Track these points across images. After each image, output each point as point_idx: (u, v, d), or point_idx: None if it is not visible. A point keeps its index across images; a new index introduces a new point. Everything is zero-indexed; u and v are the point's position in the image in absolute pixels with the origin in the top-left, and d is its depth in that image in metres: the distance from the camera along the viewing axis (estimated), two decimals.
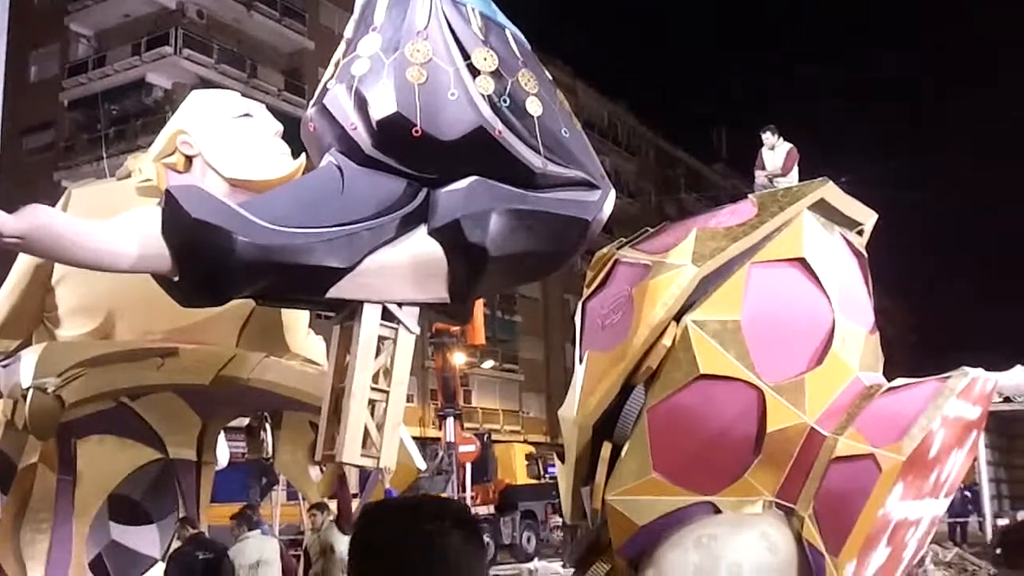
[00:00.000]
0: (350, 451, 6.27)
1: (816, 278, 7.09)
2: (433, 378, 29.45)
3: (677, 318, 6.80)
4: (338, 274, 6.10)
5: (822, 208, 7.57)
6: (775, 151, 10.21)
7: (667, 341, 6.72)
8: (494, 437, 33.41)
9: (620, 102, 56.26)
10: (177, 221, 5.77)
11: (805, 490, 6.58)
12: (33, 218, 5.60)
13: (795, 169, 10.76)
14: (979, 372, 6.99)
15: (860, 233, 8.06)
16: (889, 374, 7.44)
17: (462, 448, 23.44)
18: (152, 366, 8.05)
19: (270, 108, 9.13)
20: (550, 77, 6.96)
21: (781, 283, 7.10)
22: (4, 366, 8.05)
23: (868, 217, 8.04)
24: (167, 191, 6.01)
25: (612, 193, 6.84)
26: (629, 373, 6.81)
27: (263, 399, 8.76)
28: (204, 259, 5.83)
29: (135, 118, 32.05)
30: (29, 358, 7.71)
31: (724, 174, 60.13)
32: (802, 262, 7.13)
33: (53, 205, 7.79)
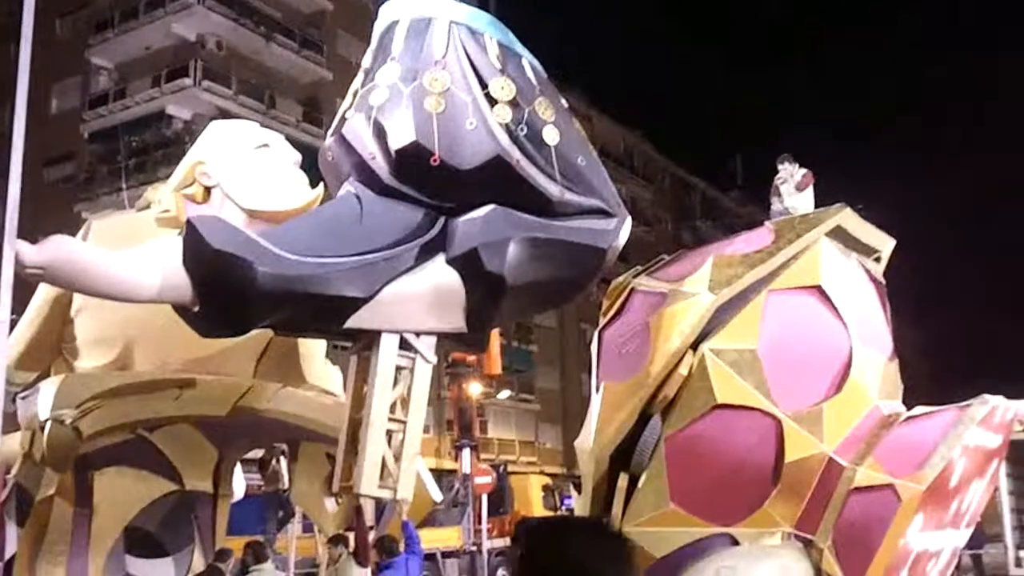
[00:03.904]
0: (368, 482, 6.25)
1: (833, 306, 7.06)
2: (449, 409, 29.38)
3: (694, 346, 6.78)
4: (356, 303, 6.11)
5: (839, 235, 7.55)
6: (790, 179, 10.18)
7: (684, 370, 6.70)
8: (510, 468, 33.23)
9: (636, 131, 56.41)
10: (198, 251, 5.81)
11: (824, 521, 6.52)
12: (55, 249, 5.64)
13: (811, 194, 10.70)
14: (999, 400, 6.94)
15: (878, 260, 8.03)
16: (908, 402, 7.39)
17: (478, 480, 23.32)
18: (169, 397, 8.05)
19: (288, 138, 9.18)
20: (567, 105, 6.98)
21: (798, 311, 7.07)
22: (23, 398, 8.06)
23: (885, 244, 8.02)
24: (188, 221, 6.05)
25: (628, 221, 6.83)
26: (646, 403, 6.78)
27: (280, 430, 8.75)
28: (225, 289, 5.85)
29: (155, 149, 32.31)
30: (47, 390, 7.72)
31: (740, 201, 60.02)
32: (819, 290, 7.10)
33: (74, 236, 7.85)
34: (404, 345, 6.41)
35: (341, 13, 38.26)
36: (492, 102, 6.43)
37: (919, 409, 7.07)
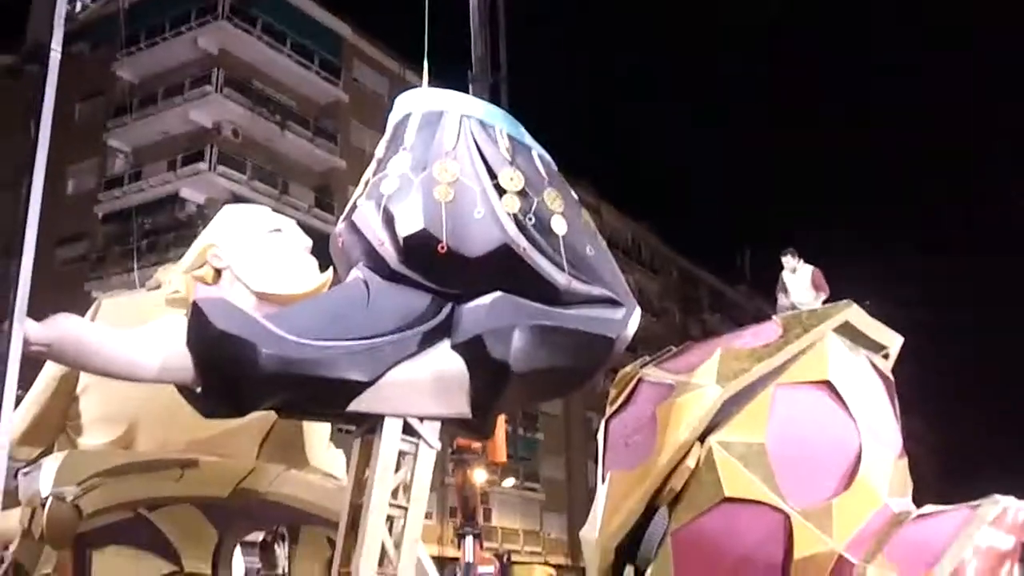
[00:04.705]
0: (366, 568, 6.16)
1: (842, 401, 7.04)
2: (453, 495, 29.02)
3: (701, 439, 6.74)
4: (360, 387, 6.11)
5: (847, 331, 7.56)
6: (796, 274, 10.23)
7: (691, 462, 6.65)
8: (514, 558, 32.73)
9: (644, 222, 56.90)
10: (202, 332, 5.85)
11: None
12: (60, 327, 5.70)
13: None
14: (1011, 500, 6.85)
15: (886, 356, 8.01)
16: (918, 500, 7.30)
17: (481, 569, 22.84)
18: (171, 477, 8.01)
19: (300, 224, 9.27)
20: (576, 197, 7.07)
21: (807, 405, 7.04)
22: (25, 474, 8.03)
23: (893, 340, 8.00)
24: (194, 303, 6.11)
25: (637, 311, 6.84)
26: (653, 494, 6.72)
27: (281, 513, 8.65)
28: (227, 370, 5.88)
29: (167, 232, 32.64)
30: (50, 466, 7.70)
31: (747, 295, 60.21)
32: (828, 385, 7.08)
33: (83, 315, 7.89)
34: (408, 430, 6.38)
35: (355, 104, 39.04)
36: (501, 192, 6.52)
37: (929, 508, 6.97)
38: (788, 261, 10.26)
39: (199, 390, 6.02)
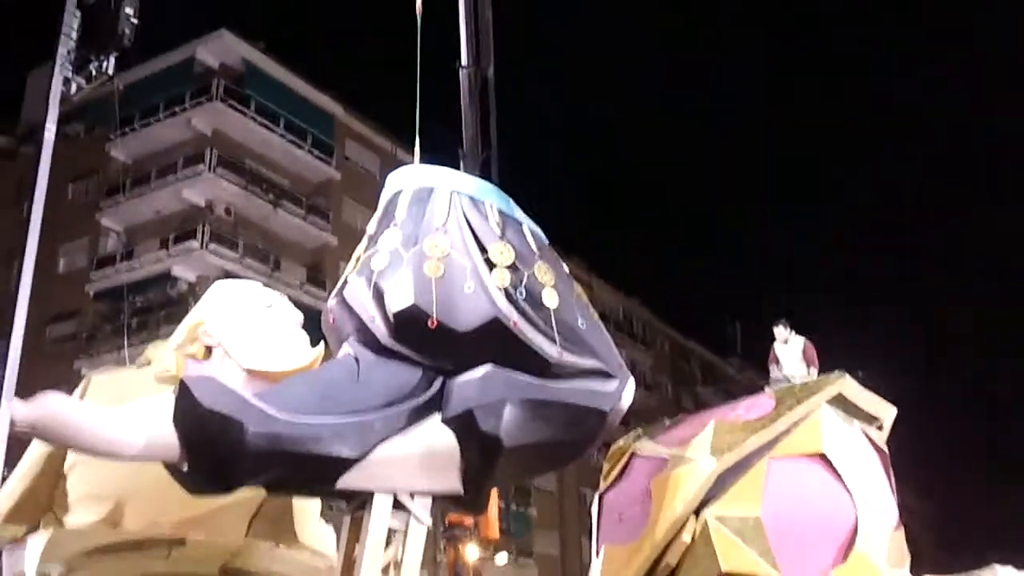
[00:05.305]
0: None
1: (837, 474, 7.01)
2: (445, 573, 28.53)
3: (696, 513, 6.68)
4: (348, 463, 6.06)
5: (840, 402, 7.55)
6: (788, 344, 10.23)
7: (687, 537, 6.59)
8: None
9: (634, 296, 57.02)
10: (189, 410, 5.82)
11: None
12: (44, 406, 5.68)
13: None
14: (1009, 570, 6.81)
15: (880, 428, 7.99)
16: (916, 571, 7.23)
17: None
18: (159, 556, 7.89)
19: (292, 300, 9.27)
20: (567, 270, 7.09)
21: (801, 478, 7.00)
22: (10, 552, 7.90)
23: (887, 412, 7.99)
24: (181, 381, 6.10)
25: (631, 383, 6.81)
26: (648, 570, 6.63)
27: None
28: (214, 448, 5.84)
29: (159, 309, 32.57)
30: (35, 544, 7.59)
31: (739, 367, 60.11)
32: (822, 457, 7.06)
33: (72, 393, 7.84)
34: (397, 506, 6.30)
35: (347, 182, 39.32)
36: (491, 266, 6.55)
37: None
38: (780, 332, 10.25)
39: (186, 468, 5.96)
